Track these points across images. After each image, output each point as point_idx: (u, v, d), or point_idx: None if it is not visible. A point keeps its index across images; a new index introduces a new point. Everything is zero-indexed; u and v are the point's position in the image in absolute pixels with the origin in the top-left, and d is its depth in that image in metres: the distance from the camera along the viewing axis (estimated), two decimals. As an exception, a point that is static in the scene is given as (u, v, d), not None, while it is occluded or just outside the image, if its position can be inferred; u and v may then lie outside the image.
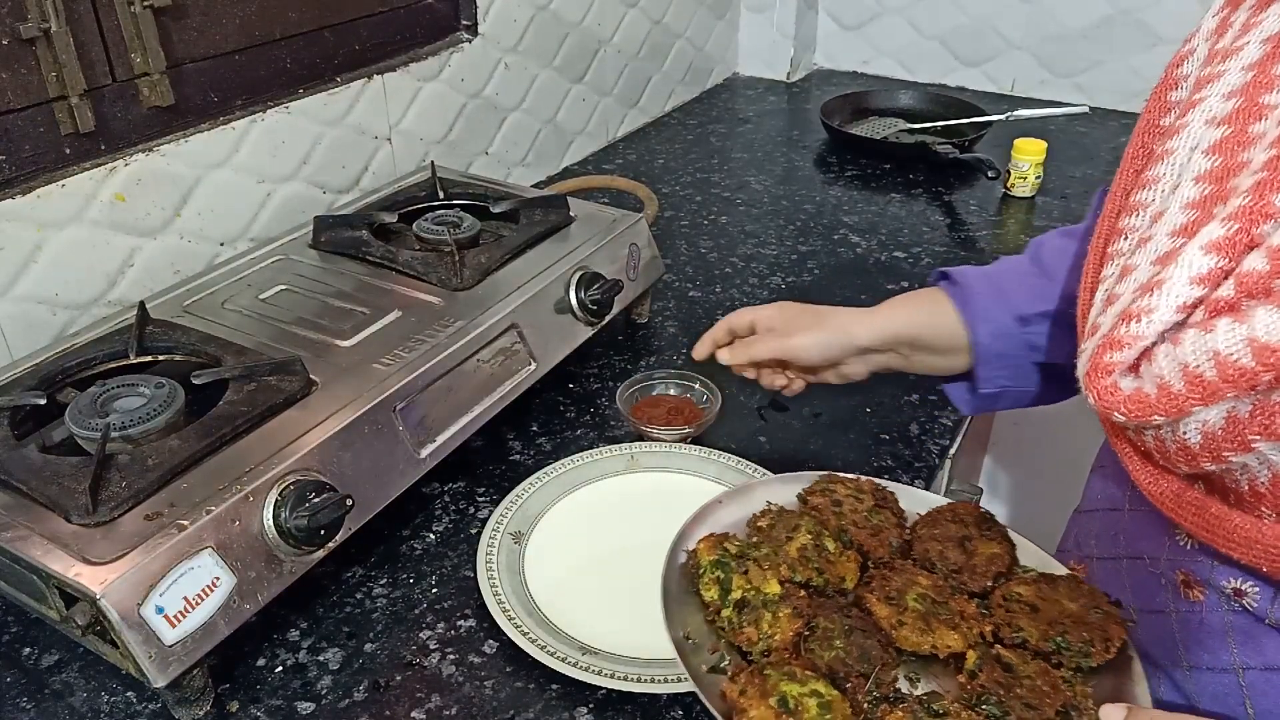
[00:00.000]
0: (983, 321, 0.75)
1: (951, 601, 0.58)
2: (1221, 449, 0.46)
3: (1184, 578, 0.57)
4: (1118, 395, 0.48)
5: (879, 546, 0.63)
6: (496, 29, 1.31)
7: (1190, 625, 0.57)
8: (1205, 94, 0.53)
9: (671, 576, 0.59)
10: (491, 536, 0.78)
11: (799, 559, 0.59)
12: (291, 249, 0.99)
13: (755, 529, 0.63)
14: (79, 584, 0.58)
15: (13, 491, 0.65)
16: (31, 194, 0.84)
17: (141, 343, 0.81)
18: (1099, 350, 0.49)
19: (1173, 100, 0.58)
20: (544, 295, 0.92)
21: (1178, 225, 0.49)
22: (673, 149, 1.62)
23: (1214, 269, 0.45)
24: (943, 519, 0.65)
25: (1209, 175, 0.49)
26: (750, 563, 0.58)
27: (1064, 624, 0.56)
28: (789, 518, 0.63)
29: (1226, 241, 0.45)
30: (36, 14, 0.81)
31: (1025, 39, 1.78)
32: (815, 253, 1.27)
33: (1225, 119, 0.50)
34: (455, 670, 0.69)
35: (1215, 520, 0.49)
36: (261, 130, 1.03)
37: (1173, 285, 0.46)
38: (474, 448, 0.90)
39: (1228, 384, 0.43)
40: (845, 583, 0.60)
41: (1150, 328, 0.47)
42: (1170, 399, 0.45)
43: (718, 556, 0.58)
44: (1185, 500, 0.50)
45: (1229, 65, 0.52)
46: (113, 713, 0.67)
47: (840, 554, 0.61)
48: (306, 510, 0.66)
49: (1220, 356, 0.43)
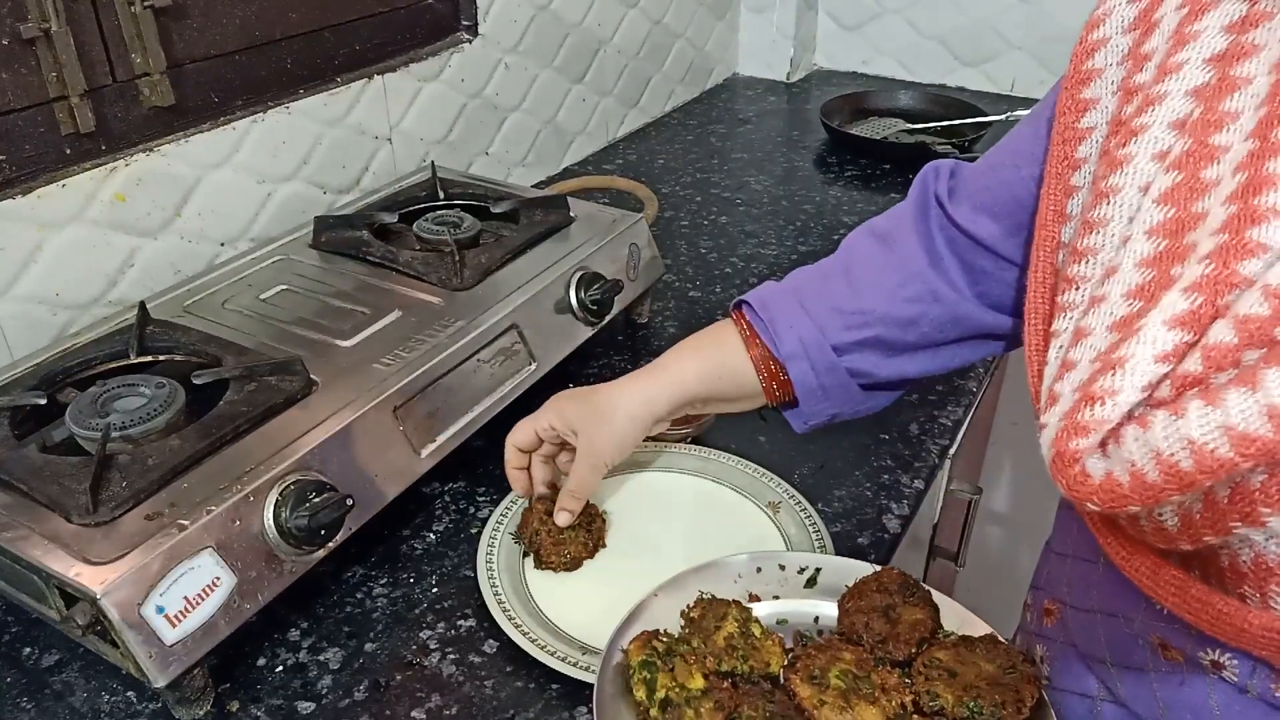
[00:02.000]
0: (796, 360, 0.70)
1: (874, 674, 0.60)
2: (1201, 533, 0.44)
3: (1160, 641, 0.55)
4: (1089, 484, 0.45)
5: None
6: (497, 29, 1.31)
7: (1170, 685, 0.55)
8: (1149, 119, 0.49)
9: (607, 677, 0.60)
10: (492, 536, 0.78)
11: (725, 649, 0.61)
12: (292, 249, 0.99)
13: (687, 620, 0.65)
14: (79, 584, 0.58)
15: (13, 491, 0.65)
16: (32, 194, 0.84)
17: (142, 343, 0.81)
18: (1062, 434, 0.46)
19: (1085, 98, 0.55)
20: (544, 295, 0.92)
21: (1133, 285, 0.46)
22: (673, 149, 1.62)
23: (1179, 344, 0.43)
24: (868, 590, 0.66)
25: (1162, 228, 0.46)
26: (677, 659, 0.60)
27: (979, 687, 0.58)
28: (718, 607, 0.65)
29: (1191, 315, 0.42)
30: (37, 14, 0.81)
31: (1025, 39, 1.78)
32: (815, 253, 1.27)
33: (1176, 161, 0.47)
34: (455, 670, 0.69)
35: (1198, 603, 0.46)
36: (262, 130, 1.03)
37: (1136, 364, 0.43)
38: (474, 447, 0.90)
39: (1206, 474, 0.40)
40: (770, 667, 0.62)
41: (1115, 410, 0.44)
42: (1146, 489, 0.42)
43: (645, 656, 0.60)
44: (1163, 578, 0.48)
45: (1170, 87, 0.49)
46: (113, 712, 0.67)
47: (765, 638, 0.63)
48: (307, 510, 0.66)
49: (1196, 445, 0.40)
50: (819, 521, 0.79)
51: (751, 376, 0.73)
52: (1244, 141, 0.45)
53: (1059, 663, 0.65)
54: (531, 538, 0.76)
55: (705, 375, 0.73)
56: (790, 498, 0.82)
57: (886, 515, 0.83)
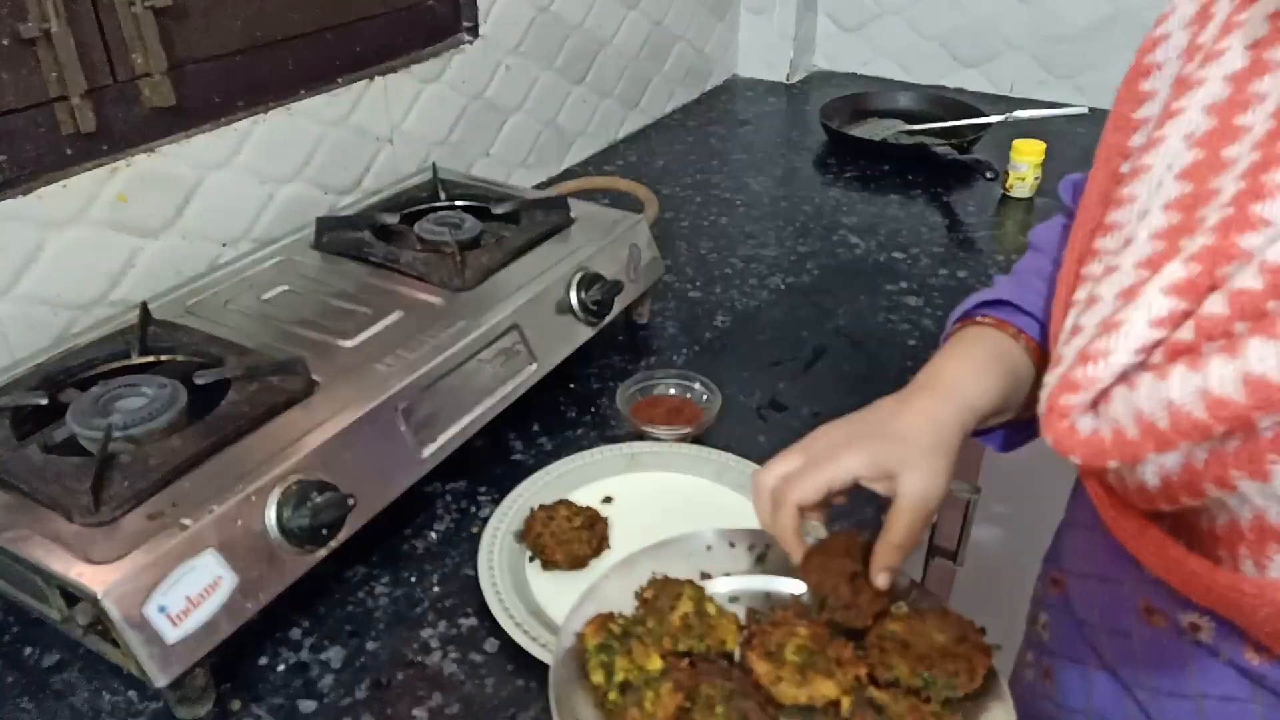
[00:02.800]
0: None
1: (829, 649, 0.60)
2: (1177, 494, 0.46)
3: (1146, 604, 0.57)
4: (1074, 438, 0.47)
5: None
6: (497, 31, 1.31)
7: (1152, 650, 0.57)
8: (1185, 103, 0.51)
9: (561, 662, 0.60)
10: (493, 535, 0.78)
11: (681, 628, 0.61)
12: (293, 250, 0.99)
13: (641, 600, 0.64)
14: (81, 584, 0.59)
15: (15, 491, 0.65)
16: (33, 194, 0.85)
17: (144, 343, 0.81)
18: (1056, 390, 0.48)
19: (1144, 90, 0.56)
20: (545, 296, 0.92)
21: (1143, 256, 0.48)
22: (673, 150, 1.62)
23: (1174, 311, 0.44)
24: (835, 551, 0.63)
25: (1178, 203, 0.48)
26: (634, 640, 0.60)
27: (932, 658, 0.58)
28: (671, 586, 0.64)
29: (1188, 284, 0.44)
30: (37, 14, 0.81)
31: (1024, 40, 1.78)
32: (814, 253, 1.28)
33: (1200, 140, 0.48)
34: (457, 669, 0.69)
35: (1174, 562, 0.48)
36: (263, 131, 1.03)
37: (1131, 327, 0.45)
38: (475, 447, 0.90)
39: (1180, 435, 0.42)
40: (726, 645, 0.62)
41: (1107, 370, 0.45)
42: (1124, 445, 0.44)
43: (602, 639, 0.59)
44: (1146, 538, 0.50)
45: (1209, 72, 0.50)
46: (114, 712, 0.67)
47: (720, 616, 0.63)
48: (309, 510, 0.66)
49: (1174, 406, 0.42)
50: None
51: (1032, 377, 0.63)
52: (1266, 120, 0.46)
53: (1060, 630, 0.67)
54: (535, 540, 0.76)
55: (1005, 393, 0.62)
56: (791, 497, 0.82)
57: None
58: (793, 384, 1.01)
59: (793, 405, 0.97)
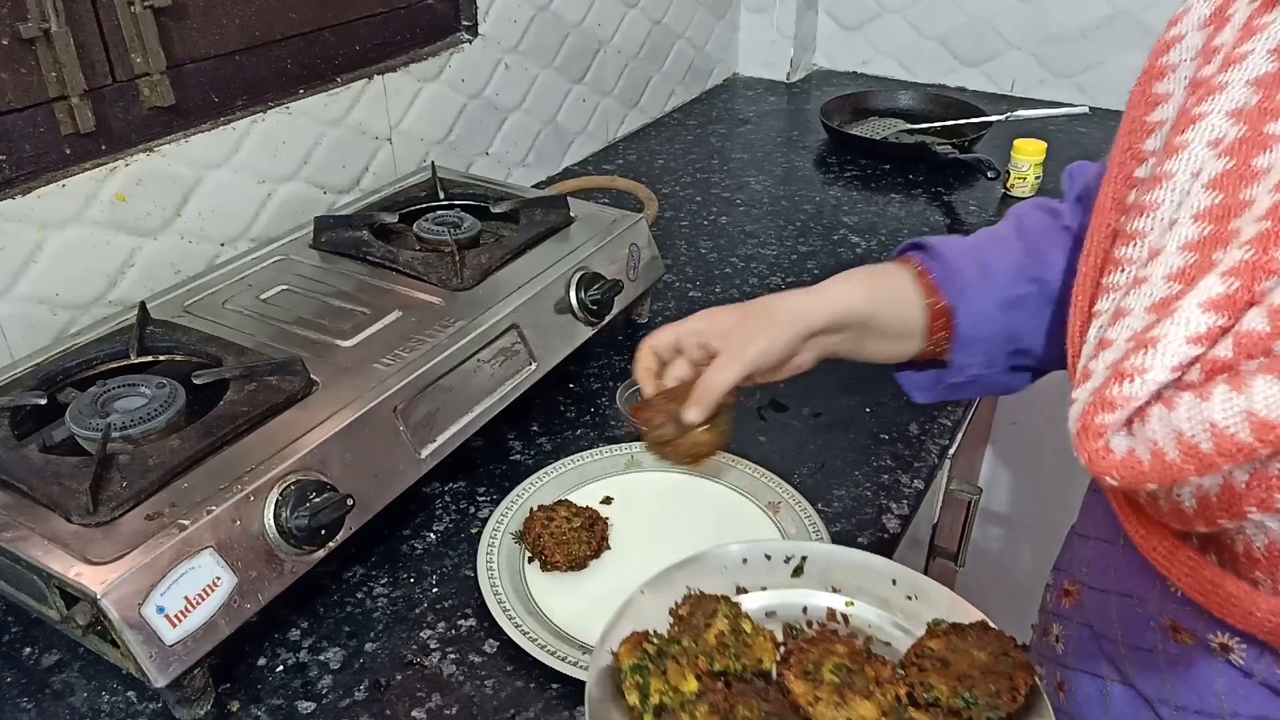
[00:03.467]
0: (966, 303, 0.68)
1: (868, 667, 0.59)
2: (1216, 516, 0.45)
3: (1171, 623, 0.56)
4: (1110, 459, 0.45)
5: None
6: (497, 29, 1.31)
7: (1179, 667, 0.56)
8: (1207, 108, 0.49)
9: (596, 680, 0.59)
10: (492, 536, 0.78)
11: (717, 647, 0.60)
12: (292, 249, 0.99)
13: (676, 617, 0.64)
14: (80, 584, 0.58)
15: (13, 491, 0.65)
16: (32, 194, 0.84)
17: (142, 343, 0.81)
18: (1090, 409, 0.47)
19: (1158, 92, 0.55)
20: (544, 295, 0.92)
21: (1174, 269, 0.47)
22: (673, 149, 1.62)
23: (1212, 327, 0.43)
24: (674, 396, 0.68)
25: (1208, 214, 0.46)
26: (669, 660, 0.59)
27: (973, 676, 0.57)
28: (707, 603, 0.64)
29: (1226, 299, 0.42)
30: (36, 14, 0.81)
31: (1025, 39, 1.78)
32: (815, 253, 1.28)
33: (1229, 148, 0.47)
34: (456, 669, 0.69)
35: (1210, 585, 0.47)
36: (262, 130, 1.03)
37: (1169, 344, 0.44)
38: (474, 447, 0.90)
39: (1224, 457, 0.41)
40: (763, 664, 0.61)
41: (1144, 388, 0.44)
42: (1164, 468, 0.43)
43: (637, 659, 0.59)
44: (1179, 558, 0.49)
45: (1232, 76, 0.49)
46: (113, 712, 0.67)
47: (756, 634, 0.62)
48: (307, 510, 0.66)
49: (1217, 428, 0.41)
50: (819, 522, 0.79)
51: (917, 311, 0.69)
52: None
53: (1074, 642, 0.66)
54: (534, 541, 0.76)
55: (867, 299, 0.69)
56: (790, 498, 0.82)
57: (886, 515, 0.83)
58: (793, 384, 1.00)
59: (793, 405, 0.97)
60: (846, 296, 0.68)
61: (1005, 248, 0.70)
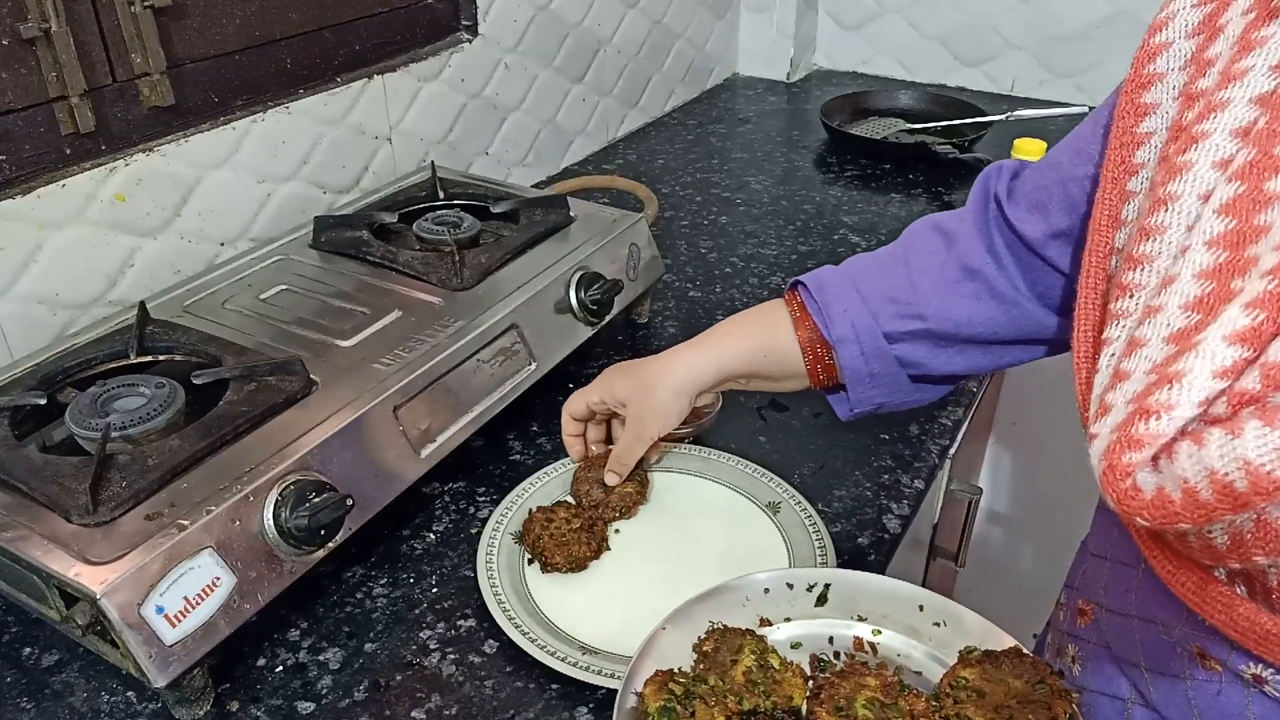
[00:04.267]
0: (846, 344, 0.71)
1: (902, 700, 0.58)
2: (1251, 553, 0.44)
3: (1199, 650, 0.54)
4: (1139, 499, 0.44)
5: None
6: (496, 29, 1.31)
7: (1207, 694, 0.54)
8: (1210, 126, 0.48)
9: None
10: (492, 536, 0.78)
11: (745, 684, 0.59)
12: (292, 249, 0.99)
13: (700, 653, 0.62)
14: (79, 584, 0.58)
15: (13, 491, 0.65)
16: (32, 194, 0.84)
17: (142, 343, 0.81)
18: (1115, 447, 0.45)
19: (1146, 102, 0.54)
20: (544, 295, 0.92)
21: (1191, 298, 0.46)
22: (673, 149, 1.62)
23: (1238, 360, 0.42)
24: (597, 463, 0.79)
25: (1223, 240, 0.45)
26: (697, 701, 0.57)
27: (1010, 707, 0.56)
28: (732, 638, 0.62)
29: (1252, 332, 0.41)
30: (36, 14, 0.81)
31: (1025, 39, 1.78)
32: (815, 253, 1.27)
33: (1239, 171, 0.46)
34: (455, 670, 0.69)
35: (1245, 621, 0.46)
36: (262, 130, 1.03)
37: (1194, 379, 0.42)
38: (474, 447, 0.90)
39: (1260, 495, 0.39)
40: (793, 700, 0.59)
41: (1170, 425, 0.43)
42: (1198, 507, 0.42)
43: (663, 701, 0.57)
44: (1210, 594, 0.48)
45: (1234, 94, 0.48)
46: (113, 713, 0.67)
47: (784, 669, 0.61)
48: (307, 510, 0.66)
49: (1252, 467, 0.39)
50: (819, 522, 0.79)
51: (797, 358, 0.74)
52: None
53: (1091, 664, 0.65)
54: (534, 543, 0.76)
55: (750, 353, 0.74)
56: (790, 498, 0.82)
57: (886, 515, 0.83)
58: (792, 384, 1.00)
59: (793, 405, 0.97)
60: (732, 350, 0.75)
61: (886, 281, 0.72)
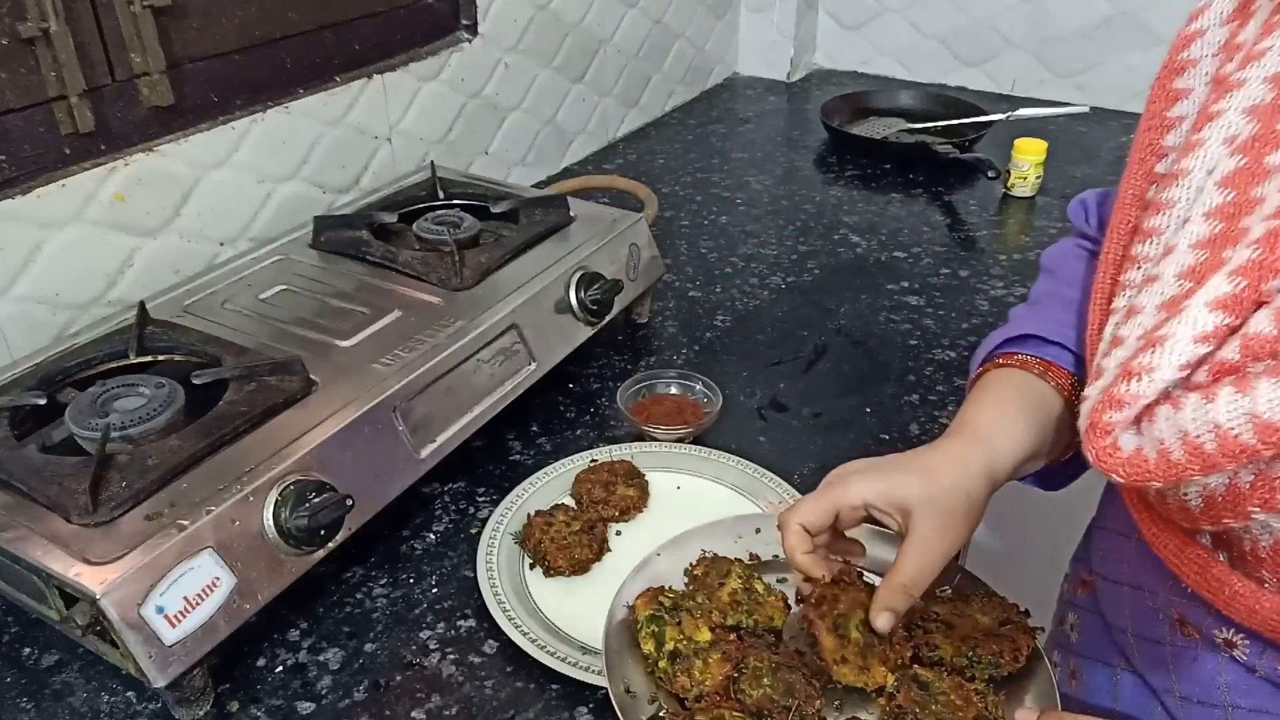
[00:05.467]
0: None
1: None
2: (1221, 515, 0.45)
3: (1179, 616, 0.57)
4: (1117, 456, 0.46)
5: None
6: (496, 29, 1.30)
7: (1184, 660, 0.57)
8: (1225, 105, 0.49)
9: (613, 632, 0.61)
10: (492, 536, 0.78)
11: (730, 603, 0.62)
12: (291, 249, 0.99)
13: (691, 577, 0.66)
14: (79, 584, 0.58)
15: (13, 491, 0.65)
16: (31, 194, 0.84)
17: (141, 343, 0.81)
18: (1099, 407, 0.47)
19: (1178, 87, 0.55)
20: (544, 295, 0.92)
21: (1185, 267, 0.47)
22: (673, 149, 1.62)
23: (1219, 326, 0.43)
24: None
25: (1219, 211, 0.46)
26: (684, 613, 0.61)
27: (976, 638, 0.59)
28: (721, 564, 0.66)
29: (1233, 299, 0.43)
30: (36, 14, 0.81)
31: (1025, 39, 1.78)
32: (815, 252, 1.27)
33: (1242, 145, 0.47)
34: (455, 670, 0.69)
35: (1216, 582, 0.48)
36: (261, 130, 1.03)
37: (1176, 343, 0.44)
38: (474, 448, 0.90)
39: (1227, 458, 0.41)
40: (774, 621, 0.63)
41: (1151, 387, 0.45)
42: (1169, 466, 0.44)
43: (653, 611, 0.61)
44: (1188, 556, 0.50)
45: (1250, 73, 0.49)
46: (113, 713, 0.67)
47: (768, 594, 0.64)
48: (306, 510, 0.66)
49: (1221, 430, 0.41)
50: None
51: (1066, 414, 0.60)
52: None
53: (1088, 631, 0.67)
54: (535, 547, 0.76)
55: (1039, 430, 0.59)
56: (791, 498, 0.82)
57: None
58: (793, 384, 1.01)
59: (793, 405, 0.97)
60: (1018, 449, 0.58)
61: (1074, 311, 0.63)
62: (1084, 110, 1.56)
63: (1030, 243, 1.30)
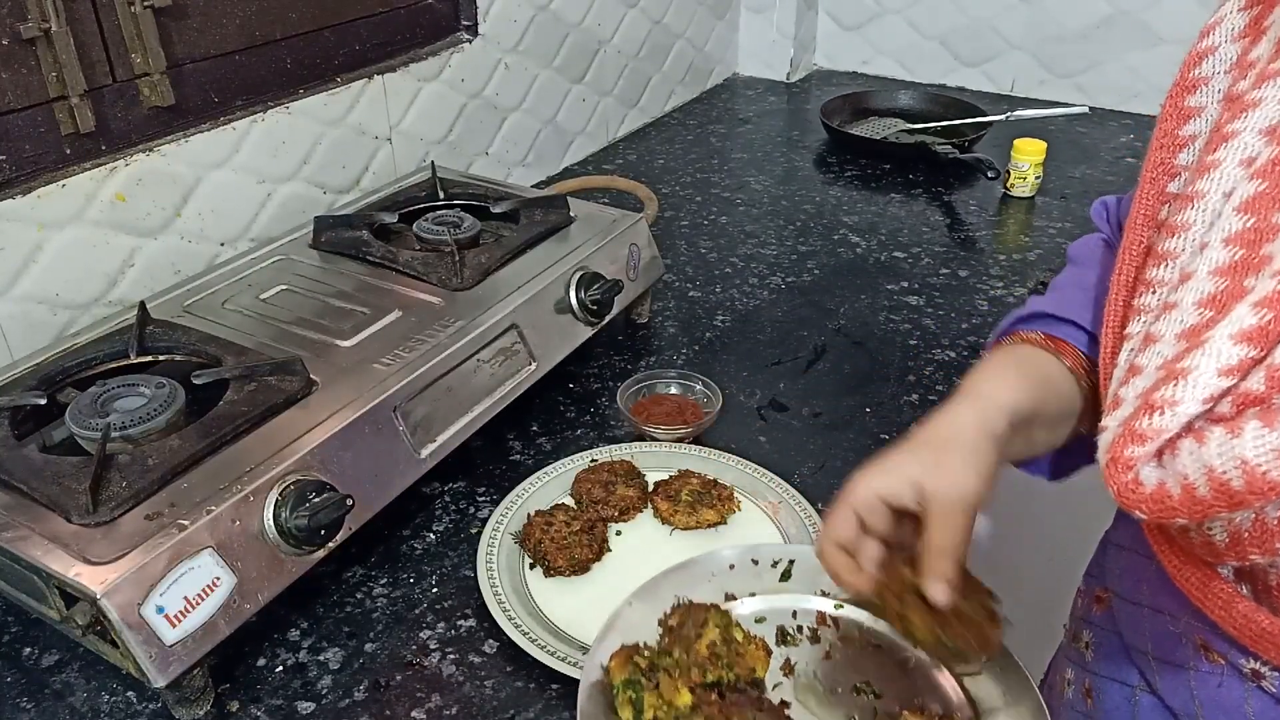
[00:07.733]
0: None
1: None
2: (1248, 551, 0.44)
3: (1203, 643, 0.55)
4: (1140, 493, 0.45)
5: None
6: (497, 29, 1.31)
7: (1209, 686, 0.55)
8: (1240, 125, 0.48)
9: (589, 694, 0.58)
10: (492, 536, 0.78)
11: (709, 657, 0.59)
12: (292, 249, 0.99)
13: (666, 628, 0.63)
14: (79, 584, 0.58)
15: (13, 491, 0.65)
16: (32, 194, 0.84)
17: (142, 343, 0.81)
18: (1120, 441, 0.46)
19: (1190, 105, 0.54)
20: (544, 295, 0.92)
21: (1205, 295, 0.46)
22: (673, 149, 1.62)
23: (1244, 359, 0.42)
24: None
25: (1239, 238, 0.45)
26: (661, 674, 0.58)
27: (946, 615, 0.55)
28: (697, 612, 0.63)
29: (1258, 331, 0.42)
30: (37, 14, 0.81)
31: (1025, 39, 1.78)
32: (815, 253, 1.27)
33: (1262, 169, 0.46)
34: (455, 670, 0.69)
35: (1243, 618, 0.47)
36: (262, 130, 1.03)
37: (1200, 376, 0.43)
38: (474, 447, 0.90)
39: (1255, 495, 0.40)
40: (756, 673, 0.60)
41: (1174, 421, 0.44)
42: (1194, 503, 0.43)
43: (628, 675, 0.58)
44: (1212, 590, 0.49)
45: (1266, 93, 0.48)
46: (113, 713, 0.67)
47: (748, 642, 0.61)
48: (307, 510, 0.66)
49: (1249, 466, 0.40)
50: (819, 521, 0.79)
51: (1073, 386, 0.60)
52: None
53: (1103, 649, 0.66)
54: (536, 547, 0.76)
55: (1029, 392, 0.58)
56: (790, 498, 0.82)
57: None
58: (793, 384, 1.01)
59: (793, 405, 0.97)
60: (1015, 401, 0.57)
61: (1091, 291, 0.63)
62: (1083, 110, 1.56)
63: (1030, 243, 1.30)
